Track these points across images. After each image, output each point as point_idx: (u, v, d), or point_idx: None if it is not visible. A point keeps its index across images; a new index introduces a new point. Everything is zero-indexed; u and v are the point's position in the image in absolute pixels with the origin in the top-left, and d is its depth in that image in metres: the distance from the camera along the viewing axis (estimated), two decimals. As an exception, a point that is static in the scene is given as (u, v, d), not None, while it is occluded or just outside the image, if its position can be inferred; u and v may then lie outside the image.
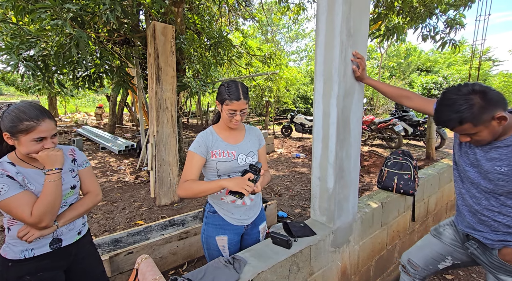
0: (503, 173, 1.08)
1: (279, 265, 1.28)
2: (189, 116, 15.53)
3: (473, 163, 1.19)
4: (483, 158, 1.14)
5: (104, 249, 2.36)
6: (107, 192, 4.37)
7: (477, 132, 1.06)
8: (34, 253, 1.15)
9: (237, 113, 1.30)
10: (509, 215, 1.13)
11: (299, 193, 4.31)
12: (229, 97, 1.27)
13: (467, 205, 1.28)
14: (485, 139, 1.08)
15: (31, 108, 1.10)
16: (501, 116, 1.00)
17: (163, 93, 3.76)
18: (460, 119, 1.04)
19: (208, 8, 6.57)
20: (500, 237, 1.17)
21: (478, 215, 1.23)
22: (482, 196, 1.19)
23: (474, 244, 1.30)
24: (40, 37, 3.23)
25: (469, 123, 1.03)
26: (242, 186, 1.18)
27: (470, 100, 1.02)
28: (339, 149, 1.48)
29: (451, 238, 1.42)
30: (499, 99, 1.02)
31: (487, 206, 1.18)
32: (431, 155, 5.79)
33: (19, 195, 1.06)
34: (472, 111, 1.01)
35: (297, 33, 23.94)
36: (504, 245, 1.17)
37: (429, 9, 4.30)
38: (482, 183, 1.17)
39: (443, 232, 1.47)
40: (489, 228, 1.20)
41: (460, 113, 1.03)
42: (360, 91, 1.55)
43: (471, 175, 1.21)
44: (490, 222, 1.19)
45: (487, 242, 1.22)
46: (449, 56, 20.77)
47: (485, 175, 1.15)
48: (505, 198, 1.12)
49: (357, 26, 1.43)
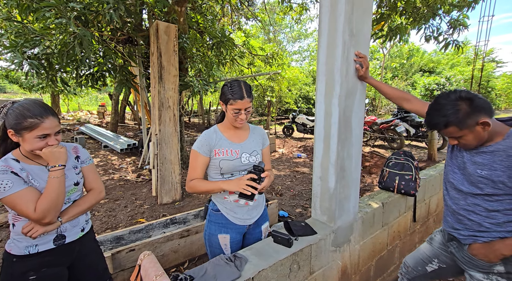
0: (483, 176, 1.17)
1: (279, 264, 1.29)
2: (191, 115, 15.56)
3: (460, 165, 1.28)
4: (468, 161, 1.23)
5: (107, 246, 2.38)
6: (109, 190, 4.39)
7: (462, 136, 1.14)
8: (38, 249, 1.16)
9: (241, 112, 1.31)
10: (481, 214, 1.21)
11: (300, 193, 4.31)
12: (232, 96, 1.27)
13: (448, 205, 1.37)
14: (471, 143, 1.16)
15: (35, 105, 1.12)
16: (484, 121, 1.08)
17: (166, 92, 3.77)
18: (446, 122, 1.13)
19: (210, 8, 6.58)
20: (470, 233, 1.26)
21: (456, 215, 1.32)
22: (460, 197, 1.28)
23: (454, 244, 1.38)
24: (44, 36, 3.25)
25: (454, 126, 1.12)
26: (241, 186, 1.19)
27: (456, 106, 1.11)
28: (341, 149, 1.49)
29: (439, 243, 1.51)
30: (485, 106, 1.10)
31: (463, 206, 1.27)
32: (433, 156, 5.77)
33: (23, 191, 1.08)
34: (457, 115, 1.10)
35: (300, 33, 23.90)
36: (474, 240, 1.26)
37: (432, 9, 4.29)
38: (463, 184, 1.26)
39: (434, 237, 1.56)
40: (464, 226, 1.29)
41: (446, 117, 1.12)
42: (362, 91, 1.56)
43: (455, 177, 1.30)
44: (465, 220, 1.28)
45: (460, 237, 1.31)
46: (452, 57, 20.68)
47: (468, 177, 1.24)
48: (481, 199, 1.21)
49: (359, 26, 1.43)
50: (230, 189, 1.23)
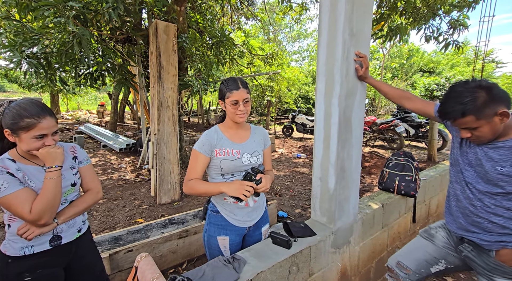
0: (504, 173, 1.08)
1: (278, 265, 1.28)
2: (190, 115, 15.55)
3: (472, 163, 1.19)
4: (483, 157, 1.14)
5: (104, 246, 2.36)
6: (107, 190, 4.38)
7: (478, 127, 1.06)
8: (33, 250, 1.15)
9: (240, 103, 1.29)
10: (504, 216, 1.13)
11: (299, 193, 4.30)
12: (228, 88, 1.29)
13: (460, 206, 1.27)
14: (485, 136, 1.08)
15: (32, 105, 1.10)
16: (503, 112, 1.02)
17: (165, 91, 3.76)
18: (463, 110, 1.05)
19: (210, 7, 6.56)
20: (496, 238, 1.17)
21: (472, 217, 1.22)
22: (476, 197, 1.19)
23: (468, 247, 1.28)
24: (43, 35, 3.23)
25: (471, 115, 1.04)
26: (241, 191, 1.18)
27: (475, 93, 1.03)
28: (341, 150, 1.47)
29: (444, 241, 1.40)
30: (504, 97, 1.04)
31: (482, 207, 1.18)
32: (433, 157, 5.76)
33: (19, 192, 1.06)
34: (476, 104, 1.03)
35: (299, 33, 23.88)
36: (502, 246, 1.16)
37: (432, 10, 4.28)
38: (478, 183, 1.17)
39: (435, 234, 1.45)
40: (483, 230, 1.19)
41: (464, 105, 1.04)
42: (362, 91, 1.55)
43: (468, 175, 1.21)
44: (485, 223, 1.18)
45: (483, 243, 1.20)
46: (452, 58, 20.67)
47: (484, 175, 1.15)
48: (501, 198, 1.12)
49: (360, 26, 1.42)
50: (230, 193, 1.20)
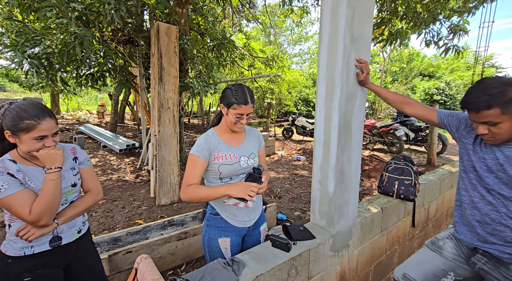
0: None
1: (277, 268, 1.28)
2: (190, 116, 15.56)
3: (492, 168, 1.14)
4: (505, 162, 1.09)
5: (103, 247, 2.36)
6: (107, 191, 4.37)
7: (499, 123, 1.03)
8: (33, 250, 1.15)
9: (243, 117, 1.30)
10: None
11: (299, 196, 4.30)
12: (237, 101, 1.26)
13: (478, 215, 1.20)
14: (504, 134, 1.05)
15: (32, 106, 1.11)
16: None
17: (165, 93, 3.77)
18: (490, 101, 1.02)
19: (212, 10, 6.60)
20: None
21: (493, 224, 1.15)
22: (501, 203, 1.12)
23: (483, 259, 1.21)
24: (45, 35, 3.25)
25: (497, 108, 1.01)
26: (246, 192, 1.17)
27: (504, 87, 1.01)
28: (340, 153, 1.48)
29: (453, 253, 1.33)
30: None
31: (507, 214, 1.11)
32: (432, 161, 5.77)
33: (19, 193, 1.07)
34: (504, 97, 1.00)
35: (300, 35, 23.96)
36: None
37: (433, 14, 4.30)
38: (502, 189, 1.11)
39: (443, 246, 1.38)
40: (504, 240, 1.12)
41: (492, 96, 1.01)
42: (363, 95, 1.55)
43: (489, 181, 1.15)
44: (508, 232, 1.11)
45: (504, 256, 1.13)
46: (452, 62, 20.74)
47: (508, 181, 1.09)
48: None
49: (360, 31, 1.43)
50: (236, 195, 1.18)
